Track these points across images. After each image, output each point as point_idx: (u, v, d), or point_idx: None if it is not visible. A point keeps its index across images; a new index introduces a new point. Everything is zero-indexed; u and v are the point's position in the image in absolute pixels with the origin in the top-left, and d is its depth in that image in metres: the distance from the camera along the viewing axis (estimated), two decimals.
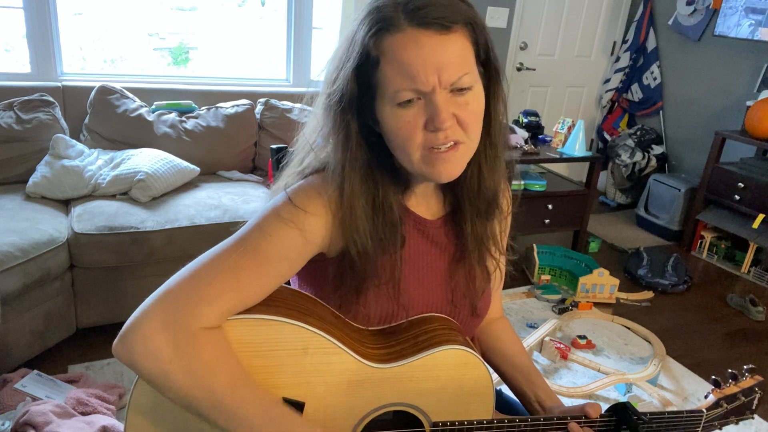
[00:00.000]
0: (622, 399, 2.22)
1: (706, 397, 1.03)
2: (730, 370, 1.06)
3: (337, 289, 0.91)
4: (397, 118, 0.80)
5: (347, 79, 0.81)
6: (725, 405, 1.02)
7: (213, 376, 0.75)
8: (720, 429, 1.04)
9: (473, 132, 0.83)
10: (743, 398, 1.03)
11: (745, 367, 1.07)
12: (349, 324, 0.92)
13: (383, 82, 0.80)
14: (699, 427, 1.00)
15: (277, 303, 0.85)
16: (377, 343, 0.91)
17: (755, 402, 1.06)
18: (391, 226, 0.88)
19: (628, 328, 2.74)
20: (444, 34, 0.77)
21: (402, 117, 0.80)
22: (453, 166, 0.83)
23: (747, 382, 1.05)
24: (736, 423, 1.06)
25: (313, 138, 0.90)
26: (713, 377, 1.05)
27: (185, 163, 2.61)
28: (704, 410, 1.00)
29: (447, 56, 0.77)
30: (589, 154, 3.28)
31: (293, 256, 0.84)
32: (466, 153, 0.85)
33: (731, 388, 1.04)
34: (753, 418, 1.06)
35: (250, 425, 0.77)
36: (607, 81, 4.49)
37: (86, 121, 2.68)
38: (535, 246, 3.16)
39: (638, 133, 4.31)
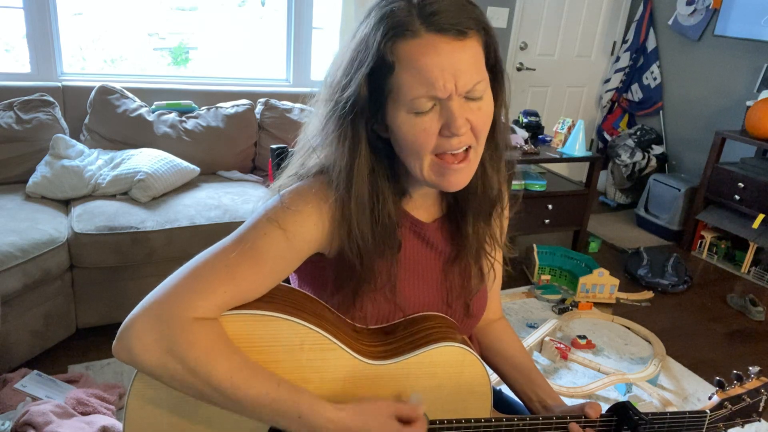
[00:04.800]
0: (622, 399, 2.22)
1: (710, 398, 1.02)
2: (735, 371, 1.05)
3: (335, 292, 0.91)
4: (412, 125, 0.80)
5: (359, 85, 0.80)
6: (730, 406, 1.01)
7: (210, 363, 0.76)
8: (725, 431, 1.03)
9: (483, 137, 0.84)
10: (749, 400, 1.01)
11: (750, 368, 1.06)
12: (346, 321, 0.92)
13: (398, 88, 0.79)
14: (702, 429, 1.00)
15: (273, 299, 0.85)
16: (374, 341, 0.91)
17: (761, 404, 1.04)
18: (388, 232, 0.88)
19: (628, 328, 2.73)
20: (460, 41, 0.77)
21: (418, 124, 0.80)
22: (463, 177, 0.85)
23: (753, 383, 1.03)
24: (742, 426, 1.04)
25: (314, 140, 0.90)
26: (717, 378, 1.04)
27: (185, 163, 2.61)
28: (708, 411, 1.00)
29: (463, 63, 0.77)
30: (589, 154, 3.28)
31: (289, 255, 0.84)
32: (475, 160, 0.86)
33: (736, 390, 1.02)
34: (759, 421, 1.05)
35: (252, 408, 0.78)
36: (607, 81, 4.49)
37: (86, 121, 2.68)
38: (535, 246, 3.16)
39: (638, 133, 4.31)
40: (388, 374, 0.88)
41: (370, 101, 0.81)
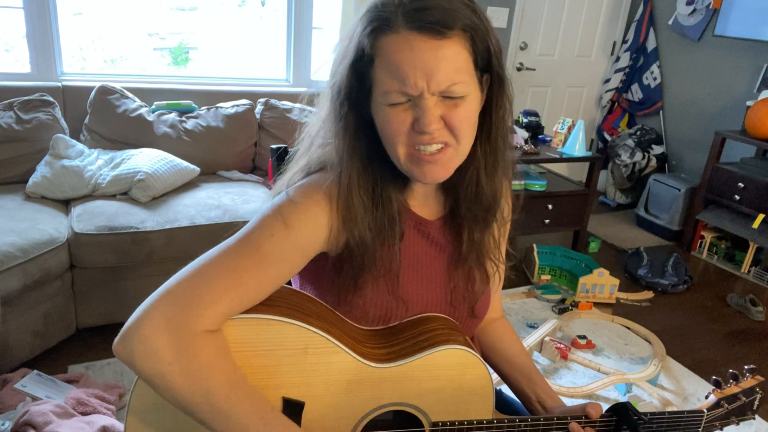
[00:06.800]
0: (622, 399, 2.22)
1: (706, 397, 1.03)
2: (730, 371, 1.06)
3: (335, 280, 0.91)
4: (385, 115, 0.81)
5: (344, 74, 0.82)
6: (726, 405, 1.02)
7: (210, 378, 0.75)
8: (721, 429, 1.04)
9: (463, 136, 0.83)
10: (744, 398, 1.03)
11: (746, 367, 1.07)
12: (350, 324, 0.92)
13: (376, 80, 0.81)
14: (700, 428, 1.00)
15: (277, 303, 0.85)
16: (377, 343, 0.91)
17: (756, 402, 1.06)
18: (389, 219, 0.88)
19: (628, 328, 2.73)
20: (438, 40, 0.76)
21: (390, 114, 0.81)
22: (439, 169, 0.83)
23: (748, 382, 1.05)
24: (737, 423, 1.06)
25: (316, 132, 0.91)
26: (714, 377, 1.05)
27: (185, 163, 2.61)
28: (705, 410, 1.00)
29: (438, 62, 0.76)
30: (589, 154, 3.28)
31: (294, 255, 0.84)
32: (455, 157, 0.84)
33: (732, 389, 1.03)
34: (754, 418, 1.06)
35: (245, 429, 0.77)
36: (607, 81, 4.49)
37: (86, 121, 2.68)
38: (535, 246, 3.16)
39: (638, 133, 4.31)
40: (391, 377, 0.88)
41: (358, 89, 0.83)
